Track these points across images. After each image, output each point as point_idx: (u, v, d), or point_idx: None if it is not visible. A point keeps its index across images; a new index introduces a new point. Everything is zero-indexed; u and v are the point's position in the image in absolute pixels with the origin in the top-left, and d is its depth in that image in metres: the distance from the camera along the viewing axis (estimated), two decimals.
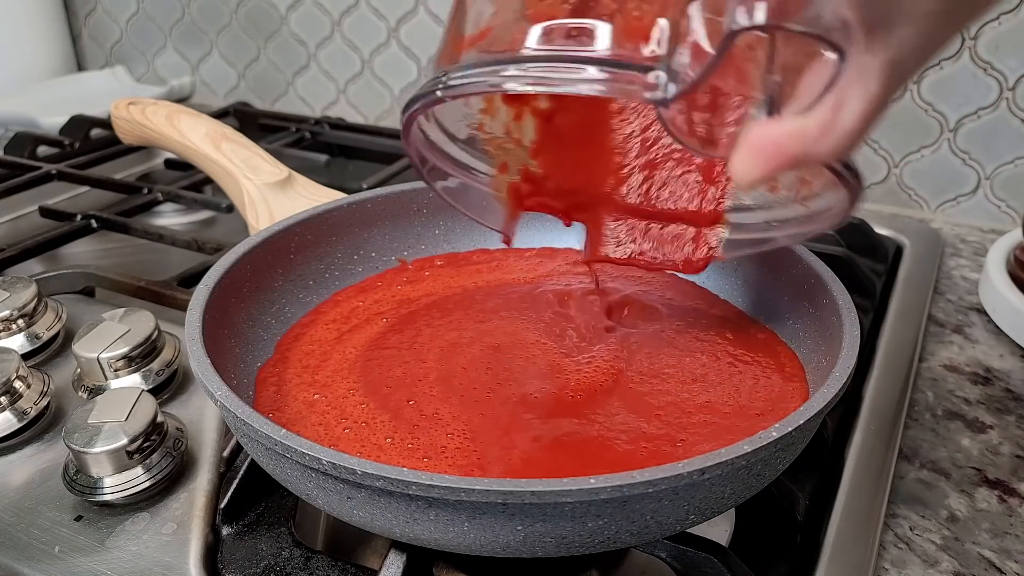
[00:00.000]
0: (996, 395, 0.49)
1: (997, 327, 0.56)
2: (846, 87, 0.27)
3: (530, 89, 0.29)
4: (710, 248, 0.42)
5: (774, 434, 0.30)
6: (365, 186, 0.67)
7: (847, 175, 0.31)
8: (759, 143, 0.29)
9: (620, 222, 0.44)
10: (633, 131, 0.41)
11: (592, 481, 0.27)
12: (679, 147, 0.41)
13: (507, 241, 0.45)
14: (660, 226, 0.43)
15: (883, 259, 0.63)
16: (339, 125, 0.90)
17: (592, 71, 0.28)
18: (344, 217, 0.50)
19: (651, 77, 0.27)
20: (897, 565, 0.38)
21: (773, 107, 0.29)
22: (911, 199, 0.75)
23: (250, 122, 0.92)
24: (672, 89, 0.27)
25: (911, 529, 0.40)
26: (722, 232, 0.41)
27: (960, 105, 0.70)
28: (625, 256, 0.44)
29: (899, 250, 0.66)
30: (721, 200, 0.41)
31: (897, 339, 0.53)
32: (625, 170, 0.42)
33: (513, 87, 0.29)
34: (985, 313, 0.58)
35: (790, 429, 0.30)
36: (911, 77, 0.27)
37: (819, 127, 0.27)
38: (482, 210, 0.44)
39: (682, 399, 0.39)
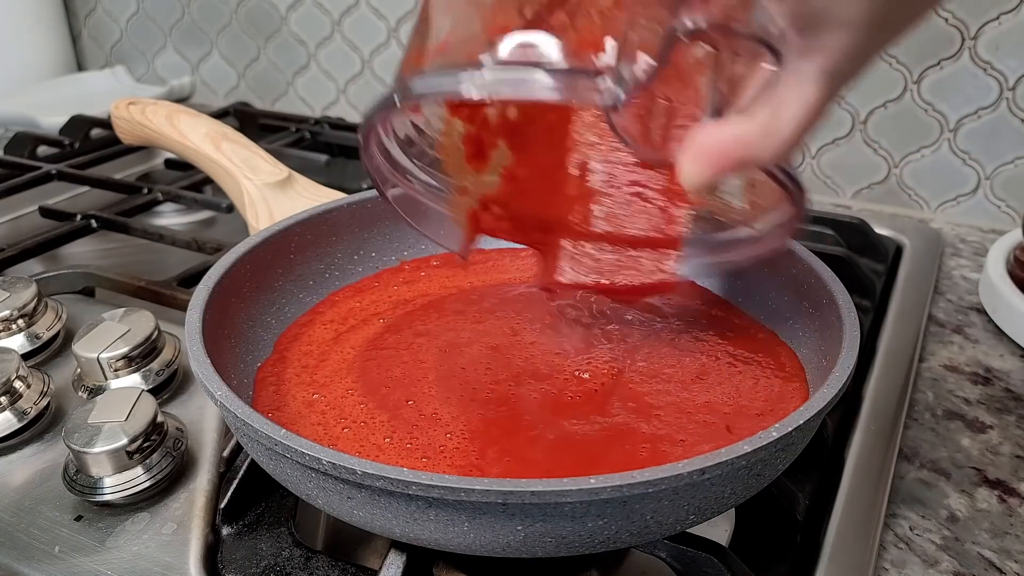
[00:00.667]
0: (996, 395, 0.49)
1: (997, 327, 0.56)
2: (784, 91, 0.28)
3: (486, 94, 0.30)
4: (667, 272, 0.42)
5: (774, 434, 0.30)
6: (365, 186, 0.67)
7: (789, 184, 0.32)
8: (703, 147, 0.30)
9: (576, 248, 0.44)
10: (590, 156, 0.42)
11: (592, 481, 0.27)
12: (637, 174, 0.42)
13: (463, 260, 0.45)
14: (616, 251, 0.43)
15: (883, 259, 0.63)
16: (339, 125, 0.90)
17: (545, 78, 0.28)
18: (344, 217, 0.50)
19: (601, 83, 0.28)
20: (897, 565, 0.38)
21: (718, 114, 0.30)
22: (911, 199, 0.75)
23: (250, 122, 0.92)
24: (621, 93, 0.28)
25: (911, 529, 0.40)
26: (678, 256, 0.42)
27: (960, 105, 0.70)
28: (580, 281, 0.43)
29: (899, 250, 0.66)
30: (677, 225, 0.42)
31: (897, 339, 0.53)
32: (582, 196, 0.43)
33: (469, 92, 0.29)
34: (985, 313, 0.58)
35: (790, 429, 0.30)
36: (849, 82, 0.28)
37: (760, 129, 0.28)
38: (438, 229, 0.44)
39: (682, 399, 0.39)
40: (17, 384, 0.43)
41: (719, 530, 0.38)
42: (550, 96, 0.29)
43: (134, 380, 0.44)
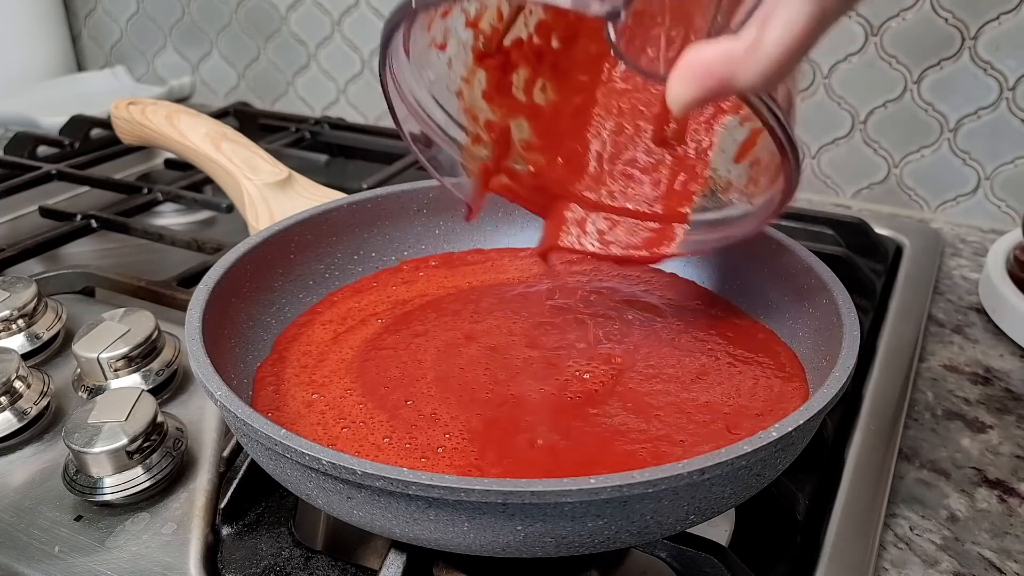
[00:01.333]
0: (996, 395, 0.49)
1: (997, 327, 0.56)
2: (771, 9, 0.27)
3: None
4: (669, 242, 0.43)
5: (774, 434, 0.30)
6: (365, 186, 0.67)
7: (784, 141, 0.32)
8: (689, 64, 0.30)
9: (581, 215, 0.44)
10: (606, 120, 0.43)
11: (592, 481, 0.27)
12: (650, 147, 0.42)
13: (469, 216, 0.46)
14: (622, 221, 0.44)
15: (883, 259, 0.63)
16: (339, 125, 0.90)
17: None
18: (344, 217, 0.50)
19: None
20: (897, 565, 0.38)
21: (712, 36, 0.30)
22: (911, 199, 0.75)
23: (250, 122, 0.92)
24: (621, 5, 0.29)
25: (911, 529, 0.40)
26: (682, 229, 0.43)
27: (960, 105, 0.70)
28: (583, 247, 0.44)
29: (899, 250, 0.66)
30: (685, 201, 0.42)
31: (897, 339, 0.53)
32: (593, 160, 0.43)
33: None
34: (985, 313, 0.58)
35: (790, 429, 0.30)
36: (835, 11, 0.28)
37: (745, 47, 0.28)
38: (449, 173, 0.45)
39: (682, 399, 0.39)
40: (17, 384, 0.43)
41: (719, 530, 0.38)
42: (554, 1, 0.30)
43: (134, 380, 0.44)
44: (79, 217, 0.67)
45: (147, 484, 0.38)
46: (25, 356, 0.47)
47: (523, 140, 0.44)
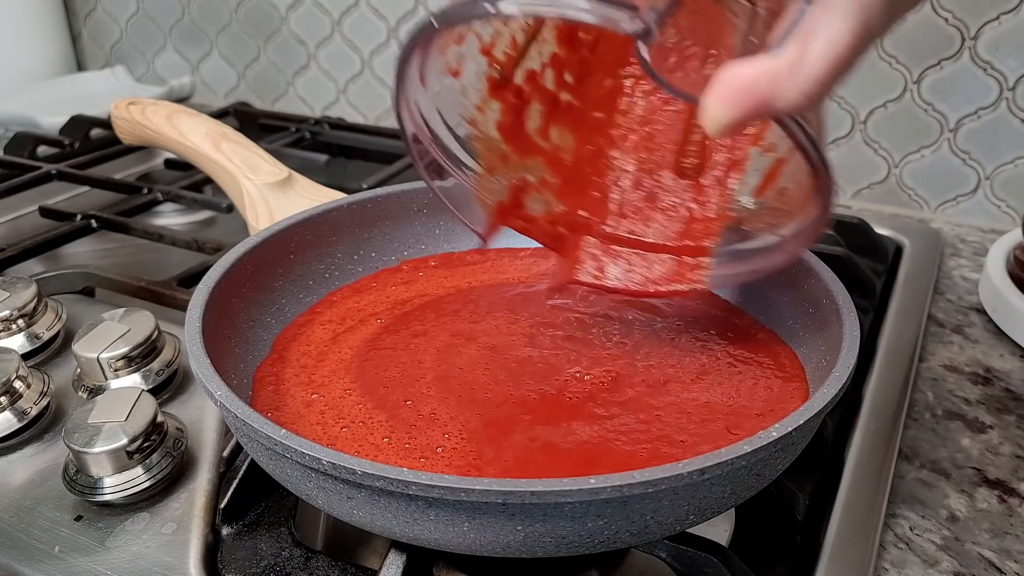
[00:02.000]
0: (996, 395, 0.49)
1: (997, 327, 0.56)
2: (814, 26, 0.26)
3: (519, 13, 0.31)
4: (691, 280, 0.42)
5: (774, 434, 0.30)
6: (365, 186, 0.67)
7: (819, 164, 0.31)
8: (727, 84, 0.28)
9: (599, 249, 0.44)
10: (627, 153, 0.42)
11: (592, 481, 0.27)
12: (671, 180, 0.42)
13: (484, 243, 0.45)
14: (641, 255, 0.43)
15: (883, 259, 0.63)
16: (339, 125, 0.90)
17: (581, 1, 0.29)
18: (344, 217, 0.50)
19: (635, 13, 0.29)
20: (897, 565, 0.38)
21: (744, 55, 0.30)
22: (911, 199, 0.75)
23: (250, 122, 0.92)
24: (654, 23, 0.29)
25: (911, 529, 0.40)
26: (706, 262, 0.42)
27: (960, 105, 0.70)
28: (600, 283, 0.43)
29: (899, 250, 0.66)
30: (708, 235, 0.42)
31: (897, 339, 0.53)
32: (614, 195, 0.43)
33: (507, 10, 0.30)
34: (985, 313, 0.58)
35: (790, 429, 0.30)
36: (885, 24, 0.27)
37: (787, 64, 0.27)
38: (465, 208, 0.44)
39: (682, 399, 0.39)
40: (17, 384, 0.43)
41: (719, 530, 0.38)
42: (582, 17, 0.29)
43: (134, 380, 0.44)
44: (79, 217, 0.67)
45: (147, 484, 0.38)
46: (25, 356, 0.47)
47: (539, 177, 0.43)
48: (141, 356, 0.45)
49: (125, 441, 0.38)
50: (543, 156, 0.43)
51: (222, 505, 0.38)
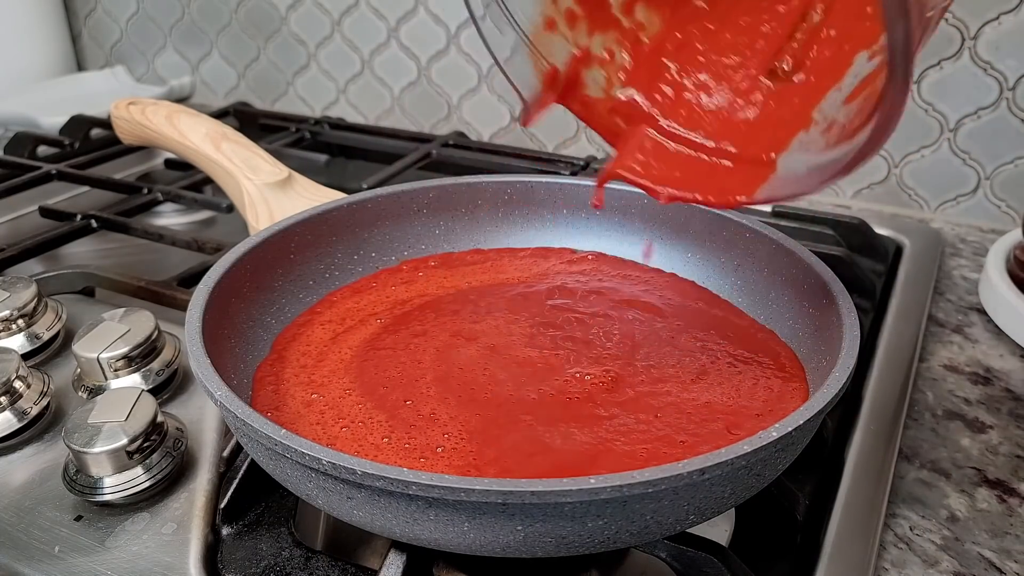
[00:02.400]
0: (996, 395, 0.49)
1: (997, 327, 0.56)
2: None
3: None
4: (752, 186, 0.37)
5: (774, 434, 0.30)
6: (365, 186, 0.67)
7: (900, 69, 0.27)
8: None
9: (658, 144, 0.39)
10: (710, 40, 0.38)
11: (592, 481, 0.27)
12: (755, 79, 0.37)
13: (526, 120, 0.41)
14: (701, 156, 0.39)
15: (883, 259, 0.63)
16: (339, 125, 0.90)
17: None
18: (344, 217, 0.50)
19: None
20: (897, 565, 0.38)
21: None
22: (911, 199, 0.75)
23: (250, 122, 0.92)
24: None
25: (911, 529, 0.40)
26: (768, 177, 0.37)
27: (960, 105, 0.70)
28: (651, 178, 0.39)
29: (899, 250, 0.66)
30: (782, 138, 0.37)
31: (897, 339, 0.53)
32: (689, 88, 0.39)
33: None
34: (985, 313, 0.58)
35: (790, 429, 0.30)
36: None
37: None
38: (518, 71, 0.40)
39: (682, 399, 0.39)
40: (17, 384, 0.43)
41: (719, 530, 0.38)
42: None
43: (134, 380, 0.44)
44: (79, 217, 0.67)
45: (147, 484, 0.38)
46: (25, 356, 0.47)
47: (607, 48, 0.39)
48: (141, 356, 0.45)
49: (125, 441, 0.38)
50: (619, 32, 0.39)
51: (222, 505, 0.38)
